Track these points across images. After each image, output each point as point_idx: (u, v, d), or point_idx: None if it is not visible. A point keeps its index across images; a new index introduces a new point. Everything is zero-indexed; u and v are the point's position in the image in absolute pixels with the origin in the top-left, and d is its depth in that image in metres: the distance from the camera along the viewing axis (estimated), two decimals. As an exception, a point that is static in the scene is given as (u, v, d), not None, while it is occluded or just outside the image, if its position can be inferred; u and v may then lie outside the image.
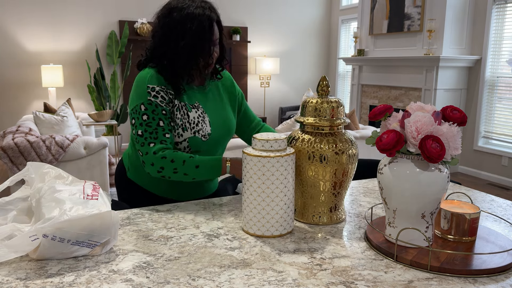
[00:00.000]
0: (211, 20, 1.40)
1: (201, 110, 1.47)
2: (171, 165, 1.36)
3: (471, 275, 0.94)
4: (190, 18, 1.37)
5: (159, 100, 1.38)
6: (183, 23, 1.37)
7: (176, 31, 1.38)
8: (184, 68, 1.42)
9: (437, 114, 1.03)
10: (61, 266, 0.97)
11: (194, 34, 1.37)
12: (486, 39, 4.99)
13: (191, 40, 1.37)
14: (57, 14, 5.86)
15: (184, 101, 1.45)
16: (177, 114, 1.43)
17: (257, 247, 1.09)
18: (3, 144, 3.24)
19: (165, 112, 1.39)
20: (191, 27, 1.36)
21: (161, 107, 1.38)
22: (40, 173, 1.17)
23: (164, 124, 1.38)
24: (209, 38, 1.40)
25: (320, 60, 7.77)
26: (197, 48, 1.39)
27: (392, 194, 1.05)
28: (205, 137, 1.46)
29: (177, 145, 1.44)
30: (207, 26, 1.38)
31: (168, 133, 1.39)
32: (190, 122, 1.44)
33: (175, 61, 1.41)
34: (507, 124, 4.95)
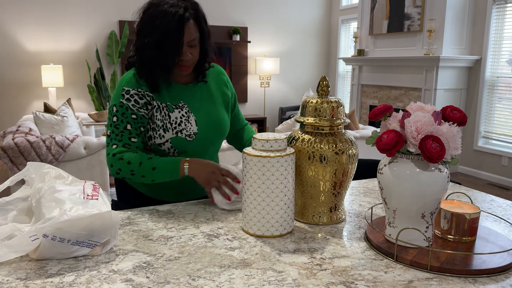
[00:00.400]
0: (183, 19, 1.33)
1: (186, 110, 1.45)
2: (128, 167, 1.36)
3: (471, 275, 0.94)
4: (161, 15, 1.33)
5: (131, 104, 1.39)
6: (153, 19, 1.34)
7: (146, 26, 1.36)
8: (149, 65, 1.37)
9: (437, 114, 1.03)
10: (61, 266, 0.97)
11: (160, 32, 1.33)
12: (486, 39, 4.99)
13: (157, 37, 1.33)
14: (57, 14, 5.86)
15: (165, 102, 1.43)
16: (157, 115, 1.41)
17: (257, 247, 1.09)
18: (3, 144, 3.24)
19: (135, 116, 1.39)
20: (159, 24, 1.33)
21: (132, 111, 1.38)
22: (40, 173, 1.17)
23: (132, 128, 1.39)
24: (176, 38, 1.33)
25: (320, 60, 7.77)
26: (162, 46, 1.34)
27: (392, 194, 1.05)
28: (191, 136, 1.44)
29: (160, 147, 1.42)
30: (174, 25, 1.32)
31: (135, 138, 1.39)
32: (171, 123, 1.42)
33: (142, 57, 1.38)
34: (507, 124, 4.95)
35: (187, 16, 1.34)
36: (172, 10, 1.32)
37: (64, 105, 4.33)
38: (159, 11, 1.33)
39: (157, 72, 1.39)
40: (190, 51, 1.39)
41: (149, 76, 1.39)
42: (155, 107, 1.42)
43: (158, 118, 1.42)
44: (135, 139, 1.40)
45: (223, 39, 6.86)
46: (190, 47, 1.38)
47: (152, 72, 1.38)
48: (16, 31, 5.69)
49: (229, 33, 6.86)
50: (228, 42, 6.88)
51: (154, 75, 1.39)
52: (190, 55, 1.39)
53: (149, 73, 1.39)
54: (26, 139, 3.31)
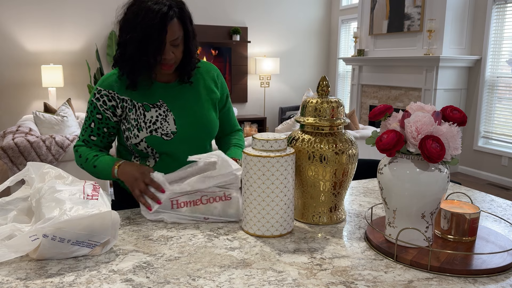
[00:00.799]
0: (165, 17, 1.30)
1: (164, 108, 1.43)
2: (79, 160, 1.45)
3: (471, 275, 0.94)
4: (144, 12, 1.30)
5: (99, 104, 1.42)
6: (136, 16, 1.32)
7: (129, 23, 1.34)
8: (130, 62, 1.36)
9: (437, 114, 1.03)
10: (61, 266, 0.97)
11: (142, 29, 1.30)
12: (486, 39, 5.00)
13: (139, 34, 1.31)
14: (57, 14, 5.86)
15: (142, 101, 1.42)
16: (131, 115, 1.41)
17: (257, 247, 1.09)
18: (3, 144, 3.24)
19: (100, 116, 1.43)
20: (141, 21, 1.31)
21: (98, 110, 1.42)
22: (40, 173, 1.18)
23: (94, 127, 1.44)
24: (158, 36, 1.31)
25: (320, 60, 7.77)
26: (144, 44, 1.32)
27: (392, 194, 1.05)
28: (168, 136, 1.42)
29: (137, 147, 1.42)
30: (157, 23, 1.30)
31: (94, 136, 1.45)
32: (145, 122, 1.41)
33: (123, 53, 1.37)
34: (507, 124, 4.95)
35: (171, 15, 1.31)
36: (156, 7, 1.30)
37: (64, 105, 4.33)
38: (142, 8, 1.31)
39: (138, 70, 1.37)
40: (173, 50, 1.36)
41: (130, 73, 1.38)
42: (127, 108, 1.42)
43: (133, 118, 1.41)
44: (95, 137, 1.45)
45: (223, 39, 6.86)
46: (173, 46, 1.36)
47: (133, 69, 1.37)
48: (16, 31, 5.69)
49: (229, 33, 6.86)
50: (228, 42, 6.88)
51: (135, 73, 1.38)
52: (172, 54, 1.36)
53: (130, 70, 1.38)
54: (26, 139, 3.31)
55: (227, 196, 1.25)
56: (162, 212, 1.25)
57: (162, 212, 1.25)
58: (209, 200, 1.24)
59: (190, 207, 1.25)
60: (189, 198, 1.25)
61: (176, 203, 1.25)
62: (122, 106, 1.42)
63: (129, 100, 1.42)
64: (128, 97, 1.42)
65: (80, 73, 6.09)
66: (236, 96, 7.14)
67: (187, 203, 1.25)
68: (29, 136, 3.40)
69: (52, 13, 5.84)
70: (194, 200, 1.24)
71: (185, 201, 1.25)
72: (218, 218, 1.25)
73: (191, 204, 1.24)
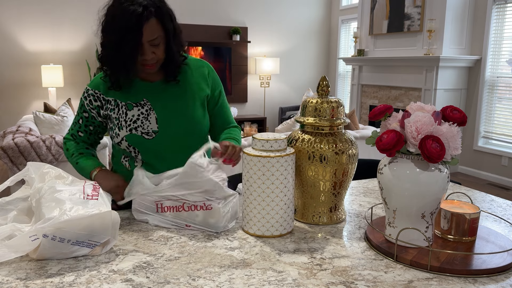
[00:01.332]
0: (140, 18, 1.28)
1: (147, 107, 1.42)
2: (67, 153, 1.49)
3: (471, 275, 0.94)
4: (120, 13, 1.29)
5: (86, 103, 1.45)
6: (113, 17, 1.31)
7: (107, 24, 1.34)
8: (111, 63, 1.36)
9: (437, 114, 1.03)
10: (61, 266, 0.97)
11: (118, 31, 1.29)
12: (486, 39, 4.99)
13: (116, 36, 1.30)
14: (57, 14, 5.86)
15: (126, 100, 1.42)
16: (112, 114, 1.42)
17: (257, 247, 1.09)
18: (3, 144, 3.24)
19: (87, 115, 1.46)
20: (117, 23, 1.30)
21: (85, 109, 1.46)
22: (40, 173, 1.18)
23: (82, 123, 1.48)
24: (134, 38, 1.29)
25: (320, 60, 7.77)
26: (121, 46, 1.31)
27: (392, 194, 1.05)
28: (149, 135, 1.41)
29: (119, 146, 1.42)
30: (132, 25, 1.28)
31: (82, 132, 1.49)
32: (126, 120, 1.41)
33: (104, 55, 1.38)
34: (507, 124, 4.95)
35: (146, 15, 1.29)
36: (131, 8, 1.28)
37: (64, 105, 4.33)
38: (119, 9, 1.30)
39: (117, 71, 1.37)
40: (153, 50, 1.35)
41: (111, 74, 1.40)
42: (109, 109, 1.43)
43: (114, 117, 1.42)
44: (82, 134, 1.49)
45: (223, 39, 6.86)
46: (153, 46, 1.34)
47: (112, 70, 1.38)
48: (16, 31, 5.69)
49: (229, 33, 6.86)
50: (228, 42, 6.88)
51: (115, 74, 1.39)
52: (153, 54, 1.35)
53: (110, 71, 1.39)
54: (26, 139, 3.31)
55: (208, 206, 1.21)
56: (147, 213, 1.25)
57: (147, 214, 1.25)
58: (190, 207, 1.22)
59: (173, 213, 1.23)
60: (173, 203, 1.23)
61: (161, 206, 1.24)
62: (106, 107, 1.44)
63: (113, 101, 1.43)
64: (112, 98, 1.43)
65: (80, 73, 6.09)
66: (236, 96, 7.14)
67: (170, 208, 1.23)
68: (29, 136, 3.40)
69: (52, 13, 5.84)
70: (177, 206, 1.23)
71: (169, 206, 1.23)
72: (199, 227, 1.22)
73: (174, 210, 1.23)
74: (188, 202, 1.21)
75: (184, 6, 6.61)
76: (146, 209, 1.25)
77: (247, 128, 6.43)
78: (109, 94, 1.43)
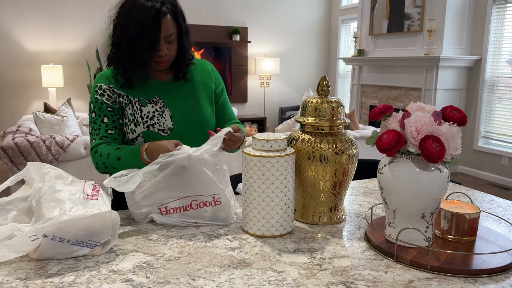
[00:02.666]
0: (159, 13, 1.32)
1: (160, 104, 1.44)
2: (101, 160, 1.38)
3: (471, 275, 0.94)
4: (137, 9, 1.32)
5: (105, 98, 1.42)
6: (129, 13, 1.34)
7: (122, 21, 1.36)
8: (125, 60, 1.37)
9: (437, 114, 1.03)
10: (61, 266, 0.97)
11: (135, 25, 1.32)
12: (486, 39, 4.99)
13: (132, 31, 1.33)
14: (57, 14, 5.86)
15: (138, 97, 1.43)
16: (128, 110, 1.42)
17: (257, 247, 1.09)
18: (3, 144, 3.24)
19: (111, 109, 1.42)
20: (135, 18, 1.32)
21: (107, 105, 1.42)
22: (40, 173, 1.17)
23: (109, 120, 1.42)
24: (152, 32, 1.33)
25: (320, 60, 7.77)
26: (138, 41, 1.33)
27: (392, 194, 1.05)
28: (165, 132, 1.43)
29: (134, 142, 1.43)
30: (151, 19, 1.31)
31: (112, 130, 1.42)
32: (142, 117, 1.42)
33: (118, 51, 1.39)
34: (507, 124, 4.95)
35: (164, 11, 1.33)
36: (149, 4, 1.32)
37: (64, 105, 4.33)
38: (135, 5, 1.33)
39: (133, 67, 1.38)
40: (167, 47, 1.38)
41: (125, 71, 1.40)
42: (123, 103, 1.43)
43: (129, 113, 1.42)
44: (112, 131, 1.42)
45: (223, 39, 6.86)
46: (167, 43, 1.38)
47: (128, 67, 1.38)
48: (16, 31, 5.69)
49: (229, 33, 6.86)
50: (228, 42, 6.88)
51: (130, 70, 1.39)
52: (167, 50, 1.38)
53: (125, 68, 1.39)
54: (26, 139, 3.31)
55: (217, 200, 1.22)
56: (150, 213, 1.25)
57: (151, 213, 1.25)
58: (199, 205, 1.22)
59: (180, 213, 1.23)
60: (179, 203, 1.22)
61: (165, 209, 1.23)
62: (119, 101, 1.43)
63: (125, 96, 1.43)
64: (124, 93, 1.43)
65: (80, 73, 6.09)
66: (236, 96, 7.14)
67: (176, 209, 1.23)
68: (29, 136, 3.40)
69: (52, 13, 5.84)
70: (184, 205, 1.23)
71: (175, 207, 1.23)
72: (208, 223, 1.23)
73: (181, 210, 1.23)
74: (196, 200, 1.22)
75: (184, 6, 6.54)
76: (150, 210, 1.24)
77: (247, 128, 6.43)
78: (120, 89, 1.44)
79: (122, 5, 1.38)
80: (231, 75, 7.03)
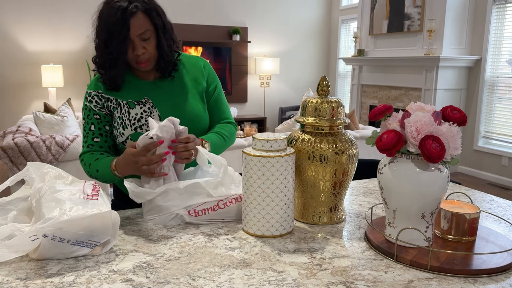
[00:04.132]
0: (125, 13, 1.30)
1: (149, 105, 1.43)
2: (86, 168, 1.42)
3: (471, 275, 0.94)
4: (107, 11, 1.33)
5: (93, 105, 1.43)
6: (101, 17, 1.35)
7: (98, 25, 1.37)
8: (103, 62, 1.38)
9: (437, 114, 1.03)
10: (61, 266, 0.97)
11: (106, 28, 1.33)
12: (486, 39, 4.99)
13: (105, 34, 1.33)
14: (57, 14, 5.86)
15: (127, 99, 1.43)
16: (116, 113, 1.42)
17: (257, 247, 1.09)
18: (3, 144, 3.24)
19: (98, 116, 1.43)
20: (104, 20, 1.33)
21: (94, 112, 1.43)
22: (40, 173, 1.18)
23: (95, 128, 1.43)
24: (121, 32, 1.31)
25: (320, 60, 7.77)
26: (110, 43, 1.33)
27: (392, 194, 1.05)
28: None
29: (124, 145, 1.43)
30: (118, 20, 1.30)
31: (97, 138, 1.43)
32: (130, 119, 1.41)
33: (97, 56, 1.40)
34: (507, 124, 4.95)
35: (131, 9, 1.32)
36: (116, 5, 1.31)
37: (64, 105, 4.33)
38: (105, 8, 1.34)
39: (110, 68, 1.38)
40: (144, 45, 1.36)
41: (106, 73, 1.40)
42: (111, 107, 1.43)
43: (117, 116, 1.43)
44: (98, 139, 1.43)
45: (223, 39, 6.86)
46: (143, 41, 1.36)
47: (107, 68, 1.38)
48: (16, 31, 5.69)
49: (229, 33, 6.86)
50: (228, 42, 6.88)
51: (109, 73, 1.39)
52: (143, 49, 1.36)
53: (105, 70, 1.39)
54: (26, 139, 3.31)
55: (240, 197, 1.26)
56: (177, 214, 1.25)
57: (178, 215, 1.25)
58: (225, 204, 1.25)
59: (208, 214, 1.25)
60: (207, 205, 1.24)
61: (194, 211, 1.24)
62: (107, 105, 1.44)
63: (114, 100, 1.44)
64: (113, 97, 1.44)
65: (80, 73, 6.09)
66: (236, 96, 7.14)
67: (205, 211, 1.25)
68: (29, 136, 3.40)
69: (52, 13, 5.84)
70: (212, 206, 1.25)
71: (203, 209, 1.24)
72: (234, 218, 1.27)
73: (209, 211, 1.25)
74: (223, 200, 1.25)
75: (184, 6, 6.61)
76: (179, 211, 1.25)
77: (247, 128, 6.43)
78: (108, 93, 1.44)
79: (98, 10, 1.38)
80: (231, 75, 7.03)
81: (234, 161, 3.60)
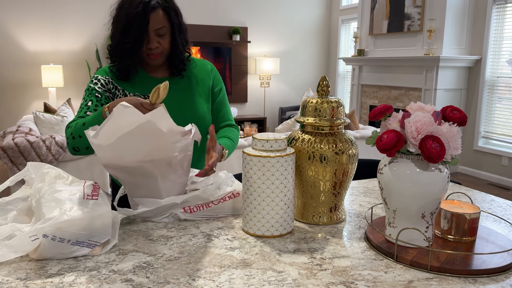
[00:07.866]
0: (147, 7, 1.37)
1: None
2: (69, 131, 1.37)
3: (471, 275, 0.94)
4: (129, 2, 1.39)
5: (97, 86, 1.45)
6: (121, 7, 1.41)
7: (116, 14, 1.43)
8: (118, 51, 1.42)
9: (437, 114, 1.03)
10: (61, 266, 0.97)
11: (125, 18, 1.38)
12: (486, 39, 5.00)
13: (124, 23, 1.39)
14: (57, 14, 5.86)
15: (134, 92, 1.48)
16: None
17: (257, 247, 1.09)
18: (3, 144, 3.24)
19: (99, 95, 1.44)
20: (125, 11, 1.39)
21: (96, 91, 1.45)
22: (40, 173, 1.17)
23: (92, 104, 1.43)
24: (140, 24, 1.37)
25: (320, 60, 7.77)
26: (128, 32, 1.38)
27: (392, 194, 1.05)
28: None
29: None
30: (140, 12, 1.36)
31: (91, 112, 1.41)
32: None
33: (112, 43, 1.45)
34: (507, 124, 4.95)
35: (153, 4, 1.39)
36: None
37: (64, 105, 4.33)
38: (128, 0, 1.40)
39: (124, 58, 1.43)
40: (158, 40, 1.42)
41: (118, 62, 1.45)
42: (117, 96, 1.47)
43: None
44: (91, 113, 1.42)
45: (223, 39, 6.86)
46: (158, 36, 1.42)
47: (120, 58, 1.44)
48: (16, 31, 5.69)
49: (229, 33, 6.86)
50: (228, 42, 6.88)
51: (122, 61, 1.44)
52: (157, 44, 1.42)
53: (118, 59, 1.44)
54: (26, 139, 3.31)
55: (236, 194, 1.29)
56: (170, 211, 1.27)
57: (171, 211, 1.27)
58: (220, 200, 1.27)
59: (203, 210, 1.27)
60: (202, 201, 1.27)
61: (189, 208, 1.26)
62: (113, 92, 1.47)
63: (121, 90, 1.47)
64: (121, 87, 1.47)
65: (80, 73, 6.09)
66: (236, 96, 7.14)
67: (199, 207, 1.26)
68: (29, 136, 3.40)
69: (52, 13, 5.84)
70: (207, 202, 1.27)
71: (198, 205, 1.26)
72: (228, 214, 1.30)
73: (204, 207, 1.27)
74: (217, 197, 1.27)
75: (184, 6, 6.59)
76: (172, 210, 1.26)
77: (247, 128, 6.43)
78: (117, 83, 1.48)
79: (118, 1, 1.44)
80: (231, 75, 7.03)
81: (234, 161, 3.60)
